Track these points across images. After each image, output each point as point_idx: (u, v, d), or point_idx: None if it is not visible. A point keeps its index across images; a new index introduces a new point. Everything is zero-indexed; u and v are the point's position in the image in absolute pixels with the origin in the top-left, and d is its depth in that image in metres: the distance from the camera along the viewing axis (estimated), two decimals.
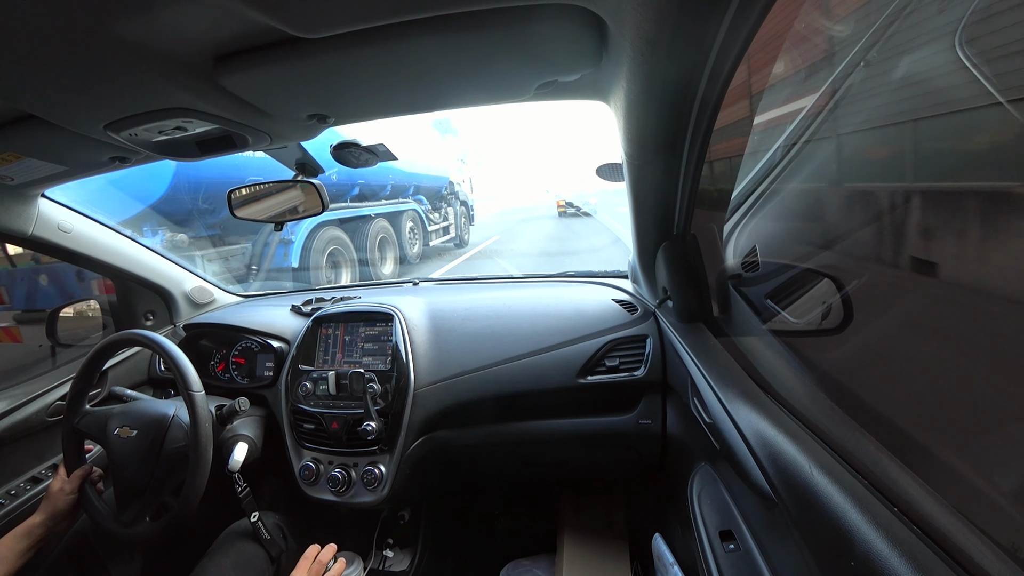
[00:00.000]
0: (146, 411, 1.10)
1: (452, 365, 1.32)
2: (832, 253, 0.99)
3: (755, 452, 0.71)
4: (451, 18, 0.60)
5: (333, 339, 1.42)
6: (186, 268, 1.71)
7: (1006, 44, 0.62)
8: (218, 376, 1.52)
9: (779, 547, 0.70)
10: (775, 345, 0.96)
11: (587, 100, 0.92)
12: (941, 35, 0.73)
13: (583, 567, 1.43)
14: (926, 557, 0.45)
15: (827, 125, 1.05)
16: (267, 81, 0.71)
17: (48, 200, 1.26)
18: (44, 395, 1.33)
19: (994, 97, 0.62)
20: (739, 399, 0.81)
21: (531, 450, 1.42)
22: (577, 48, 0.67)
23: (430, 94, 0.85)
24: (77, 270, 2.97)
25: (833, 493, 0.55)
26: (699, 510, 0.92)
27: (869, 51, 0.93)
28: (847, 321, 0.84)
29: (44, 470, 1.31)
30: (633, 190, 1.03)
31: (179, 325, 1.65)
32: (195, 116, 0.79)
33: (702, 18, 0.54)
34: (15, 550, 0.96)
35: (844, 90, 1.01)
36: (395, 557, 1.53)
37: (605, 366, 1.29)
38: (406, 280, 1.88)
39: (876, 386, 0.77)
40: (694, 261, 1.10)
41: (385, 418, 1.27)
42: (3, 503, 1.20)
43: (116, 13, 0.53)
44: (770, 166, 1.18)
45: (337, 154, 1.13)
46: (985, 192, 0.69)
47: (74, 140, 0.89)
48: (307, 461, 1.31)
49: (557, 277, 1.77)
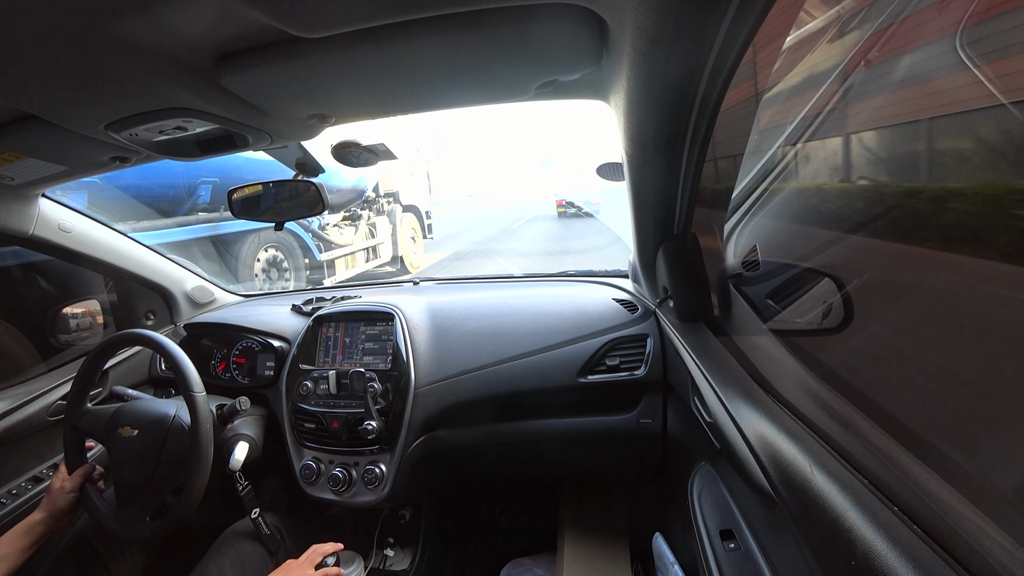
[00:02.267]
0: (147, 410, 1.10)
1: (453, 364, 1.32)
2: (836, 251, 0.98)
3: (755, 451, 0.71)
4: (451, 18, 0.60)
5: (334, 338, 1.42)
6: (186, 268, 1.71)
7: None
8: (219, 375, 1.52)
9: (779, 546, 0.71)
10: (775, 344, 0.96)
11: (587, 100, 0.92)
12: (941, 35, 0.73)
13: (584, 566, 1.43)
14: (926, 556, 0.45)
15: (827, 125, 1.05)
16: (267, 81, 0.71)
17: (48, 200, 1.26)
18: (45, 394, 1.33)
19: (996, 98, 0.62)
20: (740, 398, 0.81)
21: (532, 449, 1.42)
22: (577, 48, 0.67)
23: (430, 93, 0.85)
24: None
25: (833, 492, 0.56)
26: (700, 509, 0.92)
27: (869, 51, 0.93)
28: (847, 321, 0.84)
29: (45, 469, 1.31)
30: (633, 189, 1.03)
31: (180, 324, 1.65)
32: (195, 116, 0.79)
33: (702, 18, 0.54)
34: (16, 547, 0.96)
35: (844, 90, 1.01)
36: (396, 556, 1.54)
37: (606, 365, 1.29)
38: (407, 279, 1.89)
39: (877, 385, 0.77)
40: (694, 260, 1.10)
41: (386, 417, 1.27)
42: (4, 502, 1.20)
43: (117, 13, 0.53)
44: (770, 166, 1.17)
45: (337, 153, 1.13)
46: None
47: (74, 140, 0.89)
48: (308, 460, 1.31)
49: (558, 276, 1.77)
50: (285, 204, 1.22)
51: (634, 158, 0.92)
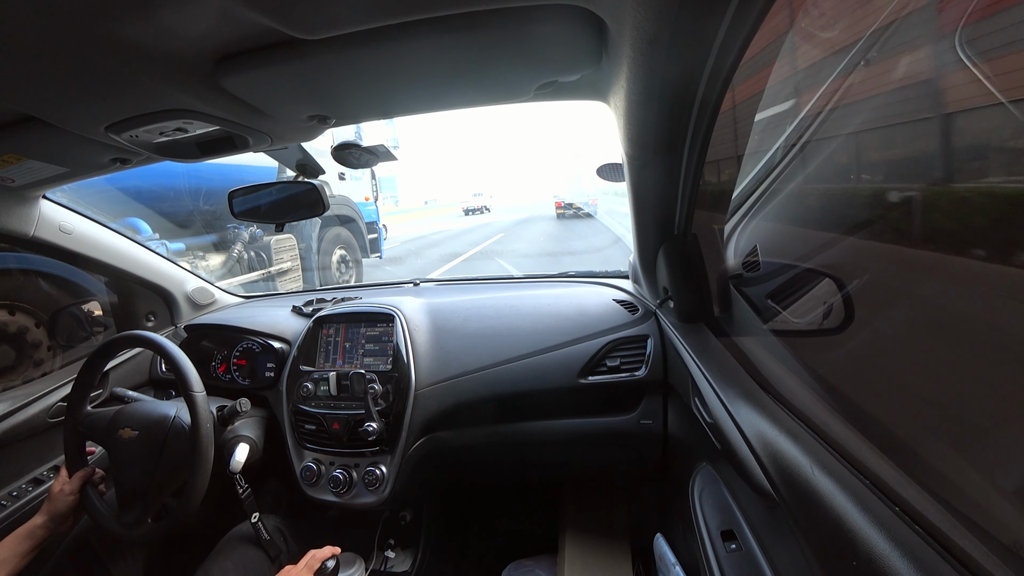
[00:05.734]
0: (148, 412, 1.10)
1: (453, 365, 1.32)
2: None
3: (756, 452, 0.71)
4: (451, 19, 0.60)
5: (334, 340, 1.42)
6: (187, 269, 1.71)
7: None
8: (219, 377, 1.52)
9: (781, 547, 0.70)
10: (776, 345, 0.96)
11: (587, 100, 0.92)
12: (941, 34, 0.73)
13: (585, 567, 1.43)
14: (928, 556, 0.45)
15: (826, 125, 1.05)
16: (268, 82, 0.71)
17: (49, 201, 1.27)
18: (45, 396, 1.33)
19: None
20: (740, 399, 0.81)
21: (532, 451, 1.42)
22: (577, 48, 0.67)
23: (430, 95, 0.85)
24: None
25: (834, 493, 0.55)
26: (701, 510, 0.92)
27: (869, 51, 0.93)
28: (848, 321, 0.84)
29: (46, 471, 1.31)
30: (634, 190, 1.03)
31: (180, 326, 1.65)
32: (196, 117, 0.79)
33: (702, 18, 0.54)
34: (17, 552, 0.96)
35: (844, 89, 1.01)
36: (397, 558, 1.53)
37: (606, 366, 1.29)
38: (407, 281, 1.89)
39: (878, 384, 0.77)
40: (695, 261, 1.10)
41: (386, 419, 1.27)
42: (5, 504, 1.20)
43: (117, 15, 0.53)
44: (771, 166, 1.17)
45: (338, 155, 1.14)
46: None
47: (75, 142, 0.89)
48: (308, 462, 1.31)
49: (558, 277, 1.77)
50: (286, 205, 1.22)
51: (634, 159, 0.92)
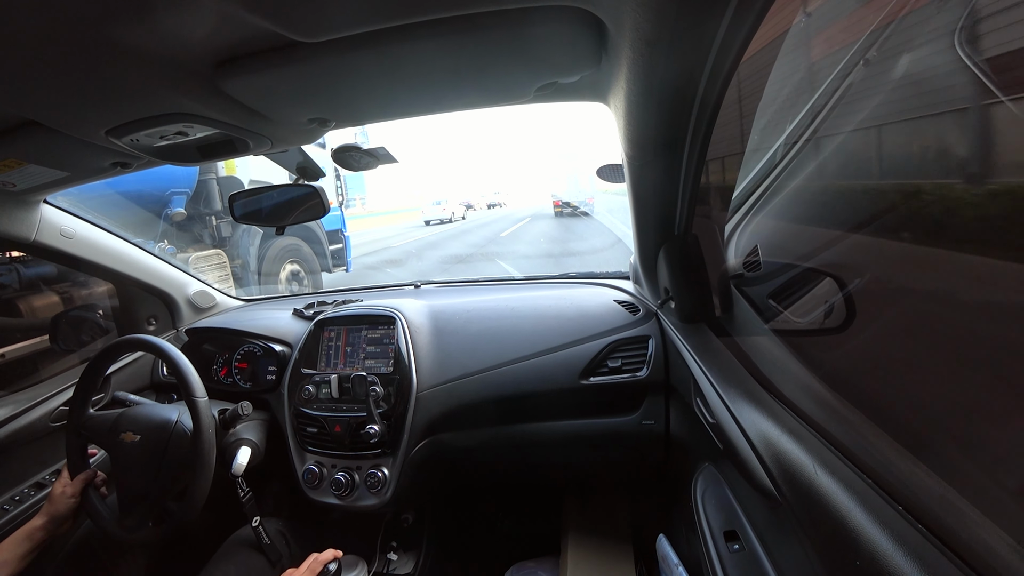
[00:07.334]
0: (149, 416, 1.10)
1: (454, 367, 1.32)
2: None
3: (759, 452, 0.71)
4: (450, 21, 0.60)
5: (335, 343, 1.42)
6: (188, 273, 1.71)
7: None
8: (221, 380, 1.52)
9: (784, 547, 0.70)
10: (777, 344, 0.95)
11: (587, 101, 0.92)
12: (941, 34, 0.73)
13: (587, 569, 1.42)
14: (932, 555, 0.45)
15: (826, 124, 1.05)
16: (268, 85, 0.71)
17: (50, 206, 1.27)
18: (47, 400, 1.33)
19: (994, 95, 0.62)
20: (742, 399, 0.81)
21: (534, 452, 1.42)
22: (576, 50, 0.67)
23: (430, 97, 0.85)
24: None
25: (837, 492, 0.55)
26: (703, 510, 0.92)
27: (868, 50, 0.93)
28: (849, 320, 0.84)
29: (48, 476, 1.31)
30: (634, 191, 1.03)
31: (182, 330, 1.66)
32: (196, 121, 0.80)
33: (701, 18, 0.54)
34: (16, 553, 0.96)
35: (843, 89, 1.01)
36: (399, 560, 1.53)
37: (608, 367, 1.29)
38: (408, 283, 1.89)
39: (879, 383, 0.77)
40: (695, 261, 1.10)
41: (388, 421, 1.27)
42: (7, 508, 1.20)
43: (117, 19, 0.53)
44: (771, 165, 1.17)
45: (338, 157, 1.14)
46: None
47: (76, 146, 0.89)
48: (310, 465, 1.31)
49: (559, 279, 1.77)
50: (286, 208, 1.22)
51: (634, 159, 0.92)
